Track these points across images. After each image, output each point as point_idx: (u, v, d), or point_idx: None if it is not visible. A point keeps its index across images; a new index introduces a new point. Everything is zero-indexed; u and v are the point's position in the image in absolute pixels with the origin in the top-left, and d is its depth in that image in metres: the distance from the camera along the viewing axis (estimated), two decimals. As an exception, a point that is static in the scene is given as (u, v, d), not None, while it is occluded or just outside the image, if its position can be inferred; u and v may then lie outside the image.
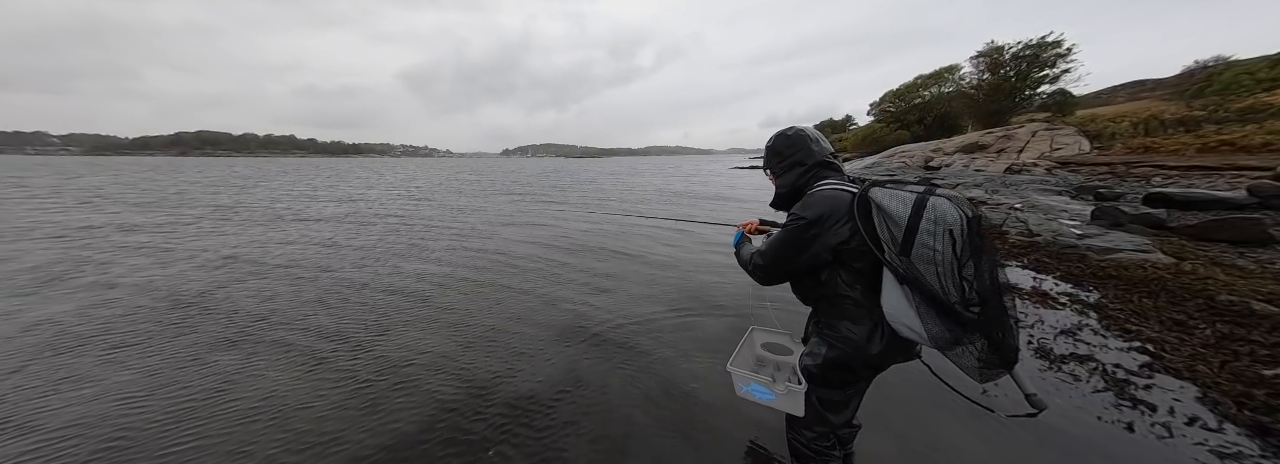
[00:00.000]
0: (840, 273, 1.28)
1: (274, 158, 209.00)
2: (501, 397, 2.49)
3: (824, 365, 1.36)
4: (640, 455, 2.01)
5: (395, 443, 2.11)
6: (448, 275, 4.96)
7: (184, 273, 5.05)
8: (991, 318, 1.07)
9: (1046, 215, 7.32)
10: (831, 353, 1.34)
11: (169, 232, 7.73)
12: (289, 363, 2.90)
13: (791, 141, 1.42)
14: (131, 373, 2.77)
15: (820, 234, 1.23)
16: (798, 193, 1.38)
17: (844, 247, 1.22)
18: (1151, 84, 40.70)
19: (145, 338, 3.28)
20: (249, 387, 2.61)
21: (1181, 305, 3.47)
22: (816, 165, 1.37)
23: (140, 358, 2.97)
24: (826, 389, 1.41)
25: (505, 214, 10.22)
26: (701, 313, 3.73)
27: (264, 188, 17.83)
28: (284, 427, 2.24)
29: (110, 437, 2.16)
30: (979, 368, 1.12)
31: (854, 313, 1.28)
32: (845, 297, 1.28)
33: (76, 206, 11.15)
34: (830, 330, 1.35)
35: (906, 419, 2.21)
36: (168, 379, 2.69)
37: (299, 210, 10.81)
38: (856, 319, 1.28)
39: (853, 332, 1.28)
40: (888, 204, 1.12)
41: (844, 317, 1.30)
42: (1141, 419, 2.21)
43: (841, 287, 1.28)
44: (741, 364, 1.77)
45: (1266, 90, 21.71)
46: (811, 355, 1.41)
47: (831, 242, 1.23)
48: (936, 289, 1.06)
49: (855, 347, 1.28)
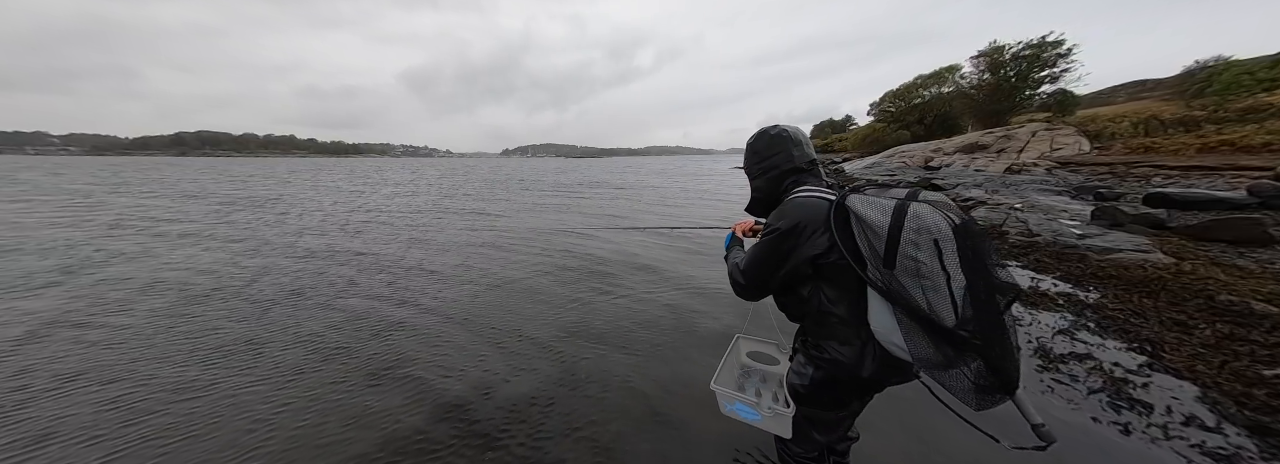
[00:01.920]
0: (823, 288, 1.18)
1: (274, 158, 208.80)
2: (502, 396, 2.49)
3: (811, 386, 1.28)
4: (639, 455, 2.01)
5: (395, 441, 2.12)
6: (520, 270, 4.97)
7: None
8: (989, 337, 0.92)
9: (1046, 215, 7.32)
10: (818, 374, 1.25)
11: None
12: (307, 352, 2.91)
13: (773, 142, 1.32)
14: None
15: (796, 246, 1.14)
16: (774, 199, 1.31)
17: (824, 260, 1.13)
18: (1151, 84, 40.72)
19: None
20: (245, 386, 2.63)
21: (1181, 305, 3.47)
22: (795, 170, 1.29)
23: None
24: (816, 410, 1.33)
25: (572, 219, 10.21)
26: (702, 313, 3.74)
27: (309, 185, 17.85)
28: (284, 427, 2.24)
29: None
30: (974, 392, 0.97)
31: (841, 333, 1.17)
32: (830, 314, 1.17)
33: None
34: (816, 351, 1.24)
35: (900, 416, 2.20)
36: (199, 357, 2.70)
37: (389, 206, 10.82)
38: (844, 339, 1.16)
39: (841, 353, 1.17)
40: (866, 213, 1.01)
41: (831, 336, 1.19)
42: (1140, 419, 2.21)
43: (825, 303, 1.18)
44: (727, 377, 1.67)
45: (1266, 90, 21.71)
46: (798, 374, 1.31)
47: (809, 253, 1.14)
48: (922, 305, 0.95)
49: (844, 369, 1.18)
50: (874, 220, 1.00)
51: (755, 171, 1.37)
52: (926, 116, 41.73)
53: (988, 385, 0.95)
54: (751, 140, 1.39)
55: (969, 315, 0.92)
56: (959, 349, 0.94)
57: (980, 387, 0.96)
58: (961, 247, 0.93)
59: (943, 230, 0.93)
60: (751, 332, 1.99)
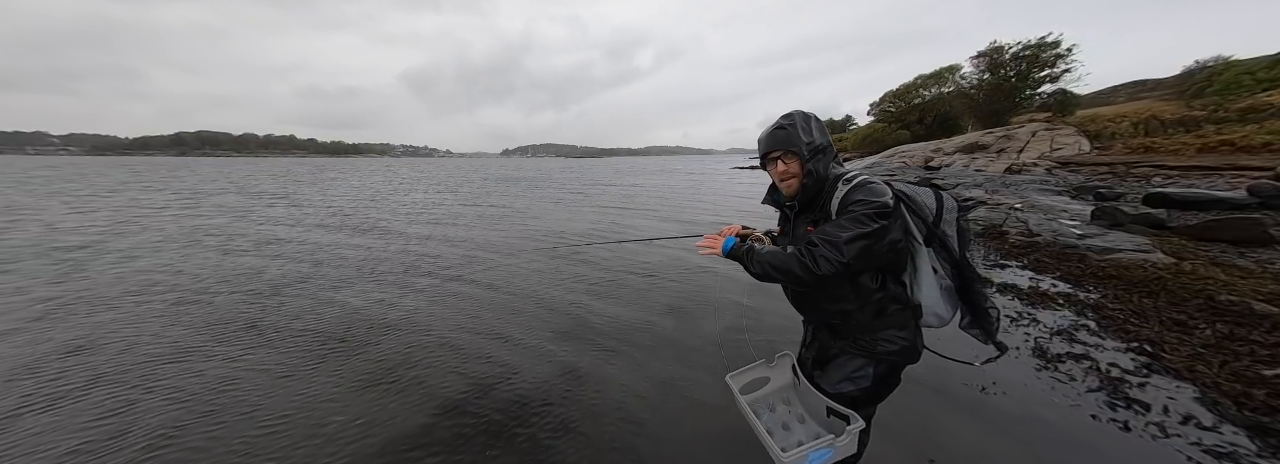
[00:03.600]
0: (886, 274, 1.24)
1: (275, 158, 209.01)
2: (501, 396, 2.50)
3: (874, 384, 1.28)
4: (638, 454, 2.01)
5: (396, 439, 2.12)
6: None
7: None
8: (979, 290, 1.25)
9: (1046, 215, 7.32)
10: (881, 369, 1.28)
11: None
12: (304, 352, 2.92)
13: (822, 127, 1.25)
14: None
15: (892, 223, 1.14)
16: (822, 181, 1.24)
17: (899, 243, 1.19)
18: (1151, 84, 40.69)
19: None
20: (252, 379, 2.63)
21: (1181, 305, 3.47)
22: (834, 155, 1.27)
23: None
24: (875, 404, 1.40)
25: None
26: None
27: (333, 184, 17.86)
28: (281, 426, 2.25)
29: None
30: (966, 328, 1.32)
31: (900, 318, 1.24)
32: (892, 300, 1.23)
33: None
34: (875, 345, 1.25)
35: (906, 419, 2.21)
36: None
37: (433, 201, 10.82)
38: (902, 324, 1.25)
39: (903, 339, 1.24)
40: (917, 196, 1.23)
41: (890, 325, 1.24)
42: (1138, 418, 2.21)
43: (890, 288, 1.23)
44: (780, 437, 1.47)
45: (1266, 90, 21.71)
46: (855, 379, 1.29)
47: (894, 235, 1.15)
48: (961, 266, 1.22)
49: (910, 354, 1.26)
50: (923, 202, 1.22)
51: (817, 147, 1.23)
52: (926, 116, 41.69)
53: (968, 324, 1.31)
54: (800, 116, 1.25)
55: (972, 275, 1.24)
56: (968, 301, 1.27)
57: (966, 326, 1.31)
58: (960, 218, 1.25)
59: (955, 206, 1.24)
60: (733, 365, 1.81)
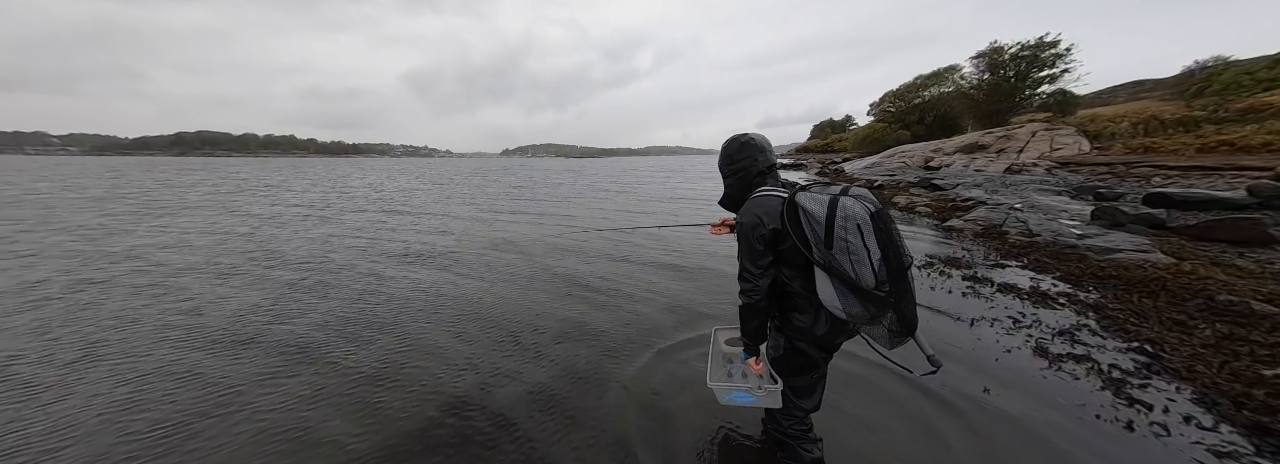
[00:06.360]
0: (783, 270, 1.44)
1: (276, 158, 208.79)
2: (502, 396, 2.50)
3: (785, 355, 1.55)
4: (637, 452, 2.02)
5: (395, 442, 2.12)
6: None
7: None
8: (900, 294, 1.26)
9: (1046, 215, 7.33)
10: (787, 343, 1.54)
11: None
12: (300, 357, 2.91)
13: (742, 148, 1.53)
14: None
15: (770, 237, 1.37)
16: (742, 196, 1.54)
17: (781, 246, 1.38)
18: (1151, 84, 40.66)
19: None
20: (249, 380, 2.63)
21: (1181, 305, 3.47)
22: (759, 173, 1.51)
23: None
24: (794, 377, 1.58)
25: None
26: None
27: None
28: (280, 425, 2.25)
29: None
30: (889, 336, 1.37)
31: (800, 304, 1.44)
32: (791, 291, 1.45)
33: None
34: (784, 323, 1.53)
35: (906, 420, 2.21)
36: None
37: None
38: (803, 309, 1.44)
39: (801, 321, 1.46)
40: (810, 206, 1.27)
41: (793, 308, 1.47)
42: (1139, 418, 2.21)
43: (786, 282, 1.45)
44: (717, 371, 1.83)
45: (1266, 90, 21.70)
46: (774, 348, 1.60)
47: (770, 240, 1.38)
48: (851, 275, 1.24)
49: (805, 332, 1.46)
50: (815, 212, 1.26)
51: (727, 172, 1.59)
52: (926, 116, 41.70)
53: (898, 330, 1.34)
54: (725, 145, 1.61)
55: (884, 278, 1.24)
56: (879, 306, 1.27)
57: (893, 332, 1.36)
58: (877, 228, 1.22)
59: (863, 216, 1.22)
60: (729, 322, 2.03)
